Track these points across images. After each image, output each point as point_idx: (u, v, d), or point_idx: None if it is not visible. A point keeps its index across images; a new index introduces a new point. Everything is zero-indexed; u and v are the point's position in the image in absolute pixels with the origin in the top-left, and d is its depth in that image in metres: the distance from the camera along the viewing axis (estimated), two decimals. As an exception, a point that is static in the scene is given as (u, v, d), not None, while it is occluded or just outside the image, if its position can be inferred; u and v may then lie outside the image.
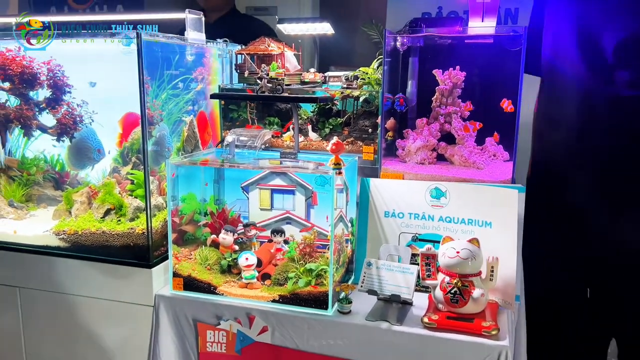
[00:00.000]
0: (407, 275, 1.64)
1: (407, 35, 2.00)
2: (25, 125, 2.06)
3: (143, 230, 1.80)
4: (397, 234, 1.86)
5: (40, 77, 2.02)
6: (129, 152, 2.05)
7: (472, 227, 1.76)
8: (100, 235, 1.84)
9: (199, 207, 1.98)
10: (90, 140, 2.13)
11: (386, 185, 1.88)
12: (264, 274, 1.81)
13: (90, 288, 1.88)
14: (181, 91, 2.10)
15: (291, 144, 2.15)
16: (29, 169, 2.14)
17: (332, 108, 2.14)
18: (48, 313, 1.96)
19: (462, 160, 2.00)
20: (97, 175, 2.16)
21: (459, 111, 2.04)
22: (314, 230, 1.85)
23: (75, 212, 1.95)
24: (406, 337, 1.56)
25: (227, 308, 1.73)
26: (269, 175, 1.92)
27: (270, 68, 2.12)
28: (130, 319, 1.85)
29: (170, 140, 2.03)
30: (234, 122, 2.23)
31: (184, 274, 1.79)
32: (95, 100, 2.05)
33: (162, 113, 1.99)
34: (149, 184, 1.78)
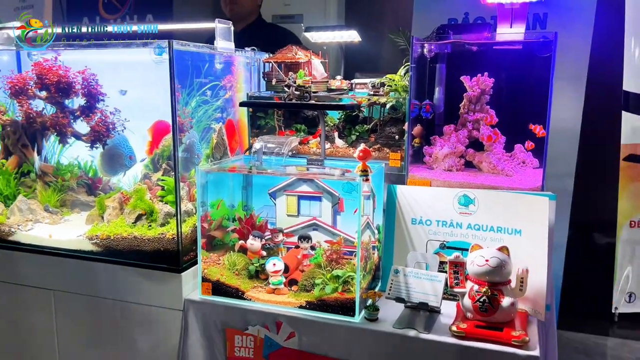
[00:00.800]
0: (435, 283, 1.63)
1: (435, 42, 1.99)
2: (60, 133, 2.13)
3: (173, 235, 1.83)
4: (424, 242, 1.85)
5: (75, 86, 2.09)
6: (160, 158, 2.09)
7: (501, 234, 1.74)
8: (132, 240, 1.88)
9: (227, 213, 2.00)
10: (122, 147, 2.19)
11: (413, 192, 1.87)
12: (291, 279, 1.82)
13: (122, 292, 1.92)
14: (210, 99, 2.13)
15: (318, 150, 2.16)
16: (63, 175, 2.21)
17: (359, 115, 2.15)
18: (81, 316, 2.01)
19: (491, 167, 1.98)
20: (128, 182, 2.22)
21: (487, 117, 2.02)
22: (340, 236, 1.85)
23: (108, 217, 1.99)
24: (434, 346, 1.54)
25: (255, 313, 1.74)
26: (296, 181, 1.93)
27: (298, 76, 2.14)
28: (159, 322, 1.88)
29: (199, 147, 2.07)
30: (262, 130, 2.26)
31: (213, 278, 1.81)
32: (125, 108, 2.11)
33: (192, 120, 2.03)
34: (179, 190, 1.82)
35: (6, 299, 2.11)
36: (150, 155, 2.13)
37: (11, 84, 2.11)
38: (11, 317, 2.13)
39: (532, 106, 1.95)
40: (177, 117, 1.80)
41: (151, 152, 2.15)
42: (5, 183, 2.15)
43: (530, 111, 1.96)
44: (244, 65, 2.33)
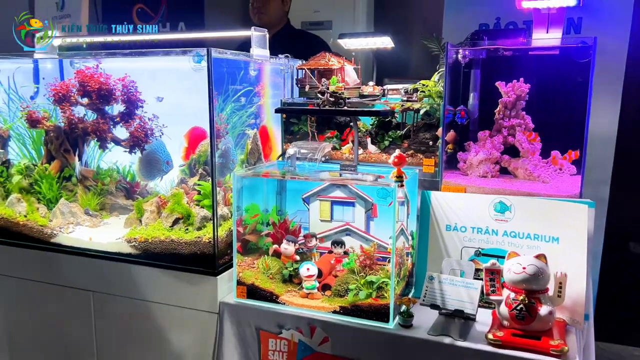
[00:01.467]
0: (470, 291, 1.62)
1: (470, 47, 1.99)
2: (100, 138, 2.20)
3: (209, 239, 1.86)
4: (459, 248, 1.84)
5: (115, 93, 2.15)
6: (196, 163, 2.13)
7: (538, 242, 1.72)
8: (169, 243, 1.92)
9: (261, 217, 2.03)
10: (160, 152, 2.24)
11: (448, 199, 1.86)
12: (325, 284, 1.84)
13: (158, 294, 1.96)
14: (244, 105, 2.17)
15: (350, 156, 2.18)
16: (103, 179, 2.27)
17: (392, 121, 2.15)
18: (118, 317, 2.06)
19: (527, 174, 1.96)
20: (165, 186, 2.27)
21: (523, 124, 2.01)
22: (374, 242, 1.86)
23: (146, 220, 2.04)
24: (470, 353, 1.53)
25: (289, 317, 1.76)
26: (330, 187, 1.95)
27: (331, 82, 2.16)
28: (195, 325, 1.92)
29: (234, 152, 2.10)
30: (295, 135, 2.28)
31: (248, 282, 1.84)
32: (162, 114, 2.17)
33: (227, 126, 2.07)
34: (215, 195, 1.85)
35: (47, 300, 2.18)
36: (186, 160, 2.18)
37: (55, 91, 2.19)
38: (52, 318, 2.20)
39: (569, 112, 1.93)
40: (214, 123, 1.83)
41: (187, 157, 2.20)
42: (48, 187, 2.23)
43: (567, 117, 1.94)
44: (278, 72, 2.36)
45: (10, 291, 2.25)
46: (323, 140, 2.22)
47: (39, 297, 2.19)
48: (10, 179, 2.29)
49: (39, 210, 2.21)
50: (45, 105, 2.30)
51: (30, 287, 2.19)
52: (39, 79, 2.42)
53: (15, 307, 2.26)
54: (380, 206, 1.75)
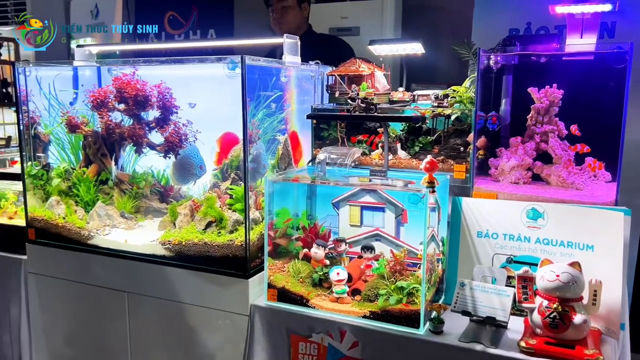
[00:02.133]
0: (502, 298, 1.61)
1: (502, 53, 1.98)
2: (137, 143, 2.26)
3: (242, 242, 1.90)
4: (490, 255, 1.83)
5: (151, 99, 2.21)
6: (228, 168, 2.17)
7: (572, 250, 1.70)
8: (202, 246, 1.96)
9: (292, 222, 2.05)
10: (194, 157, 2.29)
11: (479, 205, 1.86)
12: (354, 289, 1.85)
13: (191, 295, 2.00)
14: (275, 111, 2.20)
15: (380, 162, 2.19)
16: (138, 183, 2.34)
17: (422, 126, 2.15)
18: (152, 317, 2.11)
19: (560, 181, 1.94)
20: (198, 190, 2.32)
21: (556, 130, 1.99)
22: (404, 248, 1.86)
23: (179, 223, 2.09)
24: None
25: (319, 321, 1.78)
26: (359, 192, 1.96)
27: (361, 88, 2.18)
28: (226, 326, 1.95)
29: (265, 158, 2.14)
30: (324, 141, 2.31)
31: (278, 285, 1.86)
32: (195, 120, 2.21)
33: (259, 132, 2.10)
34: (248, 199, 1.89)
35: (83, 300, 2.25)
36: (218, 165, 2.22)
37: (93, 98, 2.26)
38: (87, 317, 2.26)
39: (604, 118, 1.90)
40: (247, 129, 1.87)
41: (219, 162, 2.25)
42: (86, 190, 2.30)
43: (602, 124, 1.91)
44: (308, 78, 2.39)
45: (48, 290, 2.33)
46: (355, 142, 2.23)
47: (76, 296, 2.26)
48: (50, 182, 2.37)
49: (77, 213, 2.28)
50: (83, 111, 2.38)
51: (67, 287, 2.27)
52: (78, 86, 2.51)
53: (53, 306, 2.34)
54: (410, 212, 1.75)
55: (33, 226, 2.31)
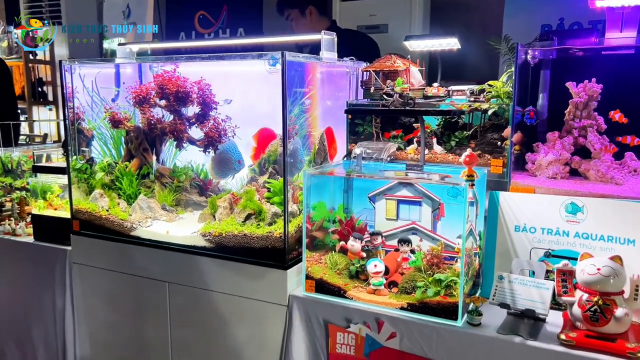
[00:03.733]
0: (542, 291, 1.61)
1: (541, 48, 1.98)
2: (177, 138, 2.33)
3: (280, 234, 1.94)
4: (528, 249, 1.83)
5: (192, 95, 2.27)
6: (266, 162, 2.23)
7: (612, 244, 1.69)
8: (242, 237, 2.01)
9: (328, 215, 2.09)
10: (232, 152, 2.35)
11: (517, 199, 1.86)
12: (391, 281, 1.87)
13: (230, 286, 2.06)
14: (311, 107, 2.24)
15: (415, 157, 2.21)
16: (179, 177, 2.41)
17: (458, 121, 2.17)
18: (192, 307, 2.17)
19: (599, 176, 1.93)
20: (236, 184, 2.38)
21: (594, 125, 1.97)
22: (441, 242, 1.88)
23: (219, 216, 2.15)
24: (541, 354, 1.53)
25: (357, 312, 1.81)
26: (396, 186, 1.99)
27: (396, 84, 2.20)
28: (265, 316, 2.00)
29: (302, 152, 2.18)
30: (359, 136, 2.34)
31: (316, 276, 1.90)
32: (233, 116, 2.27)
33: (296, 127, 2.14)
34: (287, 192, 1.93)
35: (126, 290, 2.33)
36: (255, 160, 2.28)
37: (135, 94, 2.33)
38: (130, 307, 2.34)
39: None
40: (287, 124, 1.91)
41: (256, 157, 2.30)
42: (129, 183, 2.38)
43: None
44: (343, 74, 2.43)
45: (92, 280, 2.42)
46: (389, 137, 2.26)
47: (118, 286, 2.34)
48: (94, 176, 2.46)
49: (120, 205, 2.36)
50: (125, 107, 2.46)
51: (110, 277, 2.35)
52: (119, 83, 2.59)
53: (96, 296, 2.43)
54: (448, 205, 1.76)
55: (77, 218, 2.40)
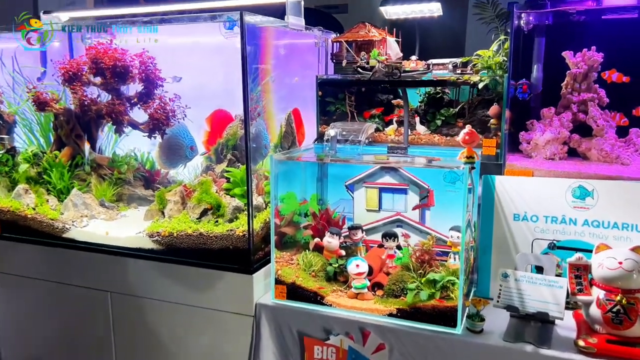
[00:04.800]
0: (555, 290, 1.38)
1: (537, 10, 1.74)
2: (116, 121, 1.97)
3: (244, 232, 1.64)
4: (529, 241, 1.60)
5: (132, 71, 1.92)
6: (224, 149, 1.91)
7: (628, 232, 1.48)
8: (197, 237, 1.69)
9: (298, 207, 1.80)
10: (183, 137, 2.02)
11: (515, 184, 1.63)
12: (375, 283, 1.61)
13: (186, 294, 1.74)
14: (275, 85, 1.94)
15: (396, 138, 1.94)
16: (119, 167, 2.05)
17: (443, 97, 1.91)
18: (140, 320, 1.84)
19: (603, 155, 1.72)
20: (188, 174, 2.05)
21: (596, 98, 1.76)
22: (431, 235, 1.63)
23: (169, 212, 1.82)
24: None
25: (337, 321, 1.54)
26: (377, 172, 1.72)
27: (371, 55, 1.93)
28: (228, 329, 1.70)
29: (266, 136, 1.87)
30: (331, 117, 2.05)
31: (287, 280, 1.61)
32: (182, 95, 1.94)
33: (258, 107, 1.83)
34: (251, 182, 1.62)
35: (61, 301, 1.96)
36: (210, 146, 1.96)
37: (64, 70, 1.96)
38: (65, 322, 1.98)
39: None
40: (248, 100, 1.60)
41: (210, 142, 1.99)
42: (59, 176, 2.01)
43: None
44: (311, 47, 2.12)
45: (20, 292, 2.04)
46: (368, 117, 1.98)
47: (51, 298, 1.98)
48: (17, 168, 2.07)
49: (49, 202, 1.99)
50: (54, 87, 2.08)
51: (41, 287, 1.98)
52: (46, 60, 2.20)
53: (24, 310, 2.05)
54: (445, 193, 1.50)
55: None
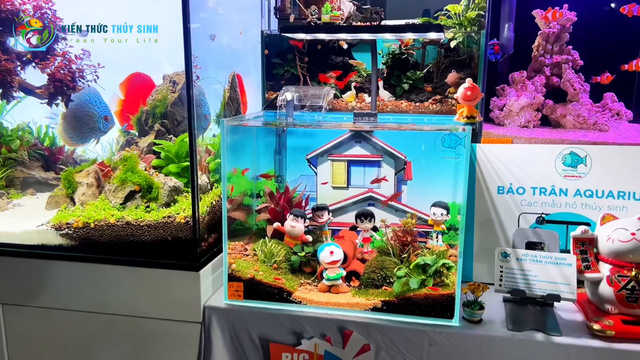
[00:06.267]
0: (563, 268, 1.22)
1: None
2: (3, 84, 1.52)
3: (187, 218, 1.30)
4: (515, 216, 1.44)
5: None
6: (149, 118, 1.54)
7: (625, 201, 1.36)
8: (123, 228, 1.33)
9: (250, 187, 1.50)
10: (94, 104, 1.61)
11: (499, 153, 1.45)
12: (350, 272, 1.36)
13: (110, 301, 1.36)
14: (213, 44, 1.60)
15: (356, 105, 1.69)
16: (9, 144, 1.60)
17: (408, 59, 1.69)
18: (44, 337, 1.43)
19: (580, 121, 1.60)
20: (102, 152, 1.65)
21: (570, 61, 1.64)
22: (413, 213, 1.40)
23: (81, 197, 1.43)
24: (573, 352, 1.14)
25: (310, 321, 1.26)
26: (346, 142, 1.46)
27: (323, 11, 1.66)
28: (167, 341, 1.35)
29: (207, 104, 1.53)
30: (278, 81, 1.75)
31: (244, 276, 1.31)
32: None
33: (199, 68, 1.48)
34: (195, 155, 1.28)
35: None
36: (125, 116, 1.58)
37: None
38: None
39: (625, 45, 1.60)
40: (191, 56, 1.26)
41: (125, 112, 1.61)
42: None
43: (621, 51, 1.60)
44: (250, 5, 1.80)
45: None
46: (325, 81, 1.70)
47: None
48: None
49: None
50: None
51: None
52: None
53: None
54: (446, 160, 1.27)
55: None
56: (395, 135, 1.41)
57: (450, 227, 1.41)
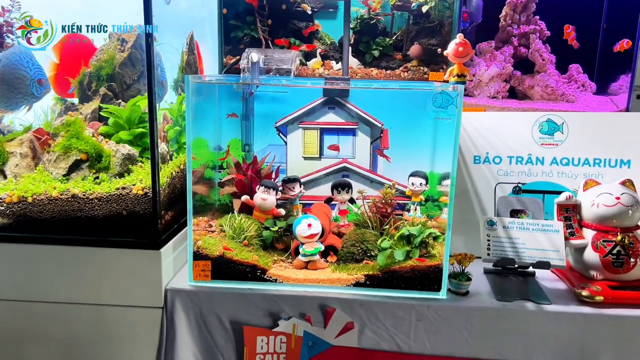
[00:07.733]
0: (551, 235, 1.18)
1: None
2: None
3: (144, 189, 1.14)
4: (492, 186, 1.40)
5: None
6: (93, 81, 1.36)
7: (600, 168, 1.36)
8: (68, 202, 1.14)
9: (213, 158, 1.35)
10: (25, 65, 1.39)
11: (475, 121, 1.40)
12: (327, 246, 1.26)
13: (52, 289, 1.18)
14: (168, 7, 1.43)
15: (323, 72, 1.59)
16: None
17: (377, 25, 1.60)
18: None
19: (548, 92, 1.59)
20: (35, 121, 1.44)
21: (538, 30, 1.63)
22: (392, 184, 1.32)
23: (14, 170, 1.23)
24: (565, 319, 1.11)
25: (288, 300, 1.15)
26: (318, 109, 1.35)
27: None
28: (124, 329, 1.19)
29: (164, 69, 1.37)
30: (237, 46, 1.61)
31: (212, 254, 1.17)
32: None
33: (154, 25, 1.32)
34: (156, 117, 1.12)
35: None
36: (72, 78, 1.38)
37: None
38: None
39: (591, 17, 1.60)
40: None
41: (59, 77, 1.42)
42: None
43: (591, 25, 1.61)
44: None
45: None
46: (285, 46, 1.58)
47: None
48: None
49: None
50: None
51: None
52: None
53: None
54: (438, 121, 1.18)
55: None
56: (372, 101, 1.32)
57: (429, 198, 1.35)
